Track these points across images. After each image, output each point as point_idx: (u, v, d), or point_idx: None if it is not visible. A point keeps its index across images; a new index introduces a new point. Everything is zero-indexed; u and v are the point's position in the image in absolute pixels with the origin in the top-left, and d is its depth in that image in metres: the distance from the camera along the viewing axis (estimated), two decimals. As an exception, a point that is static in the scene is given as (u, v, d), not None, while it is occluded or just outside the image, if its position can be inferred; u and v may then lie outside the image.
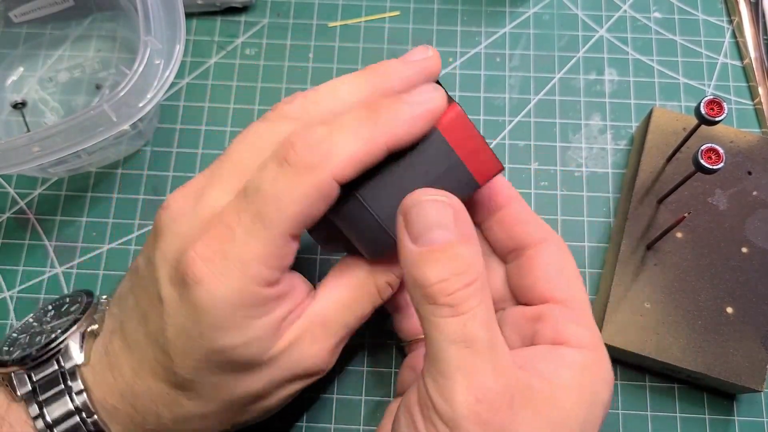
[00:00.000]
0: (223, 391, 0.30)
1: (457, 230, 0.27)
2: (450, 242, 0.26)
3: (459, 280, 0.26)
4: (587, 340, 0.29)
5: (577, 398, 0.27)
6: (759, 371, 0.38)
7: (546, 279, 0.31)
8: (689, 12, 0.51)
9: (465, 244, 0.27)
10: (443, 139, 0.30)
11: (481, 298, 0.26)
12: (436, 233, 0.26)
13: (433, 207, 0.27)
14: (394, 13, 0.51)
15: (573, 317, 0.30)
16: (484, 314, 0.26)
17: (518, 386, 0.26)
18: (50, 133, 0.36)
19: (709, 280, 0.40)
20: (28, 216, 0.45)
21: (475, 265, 0.27)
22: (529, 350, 0.30)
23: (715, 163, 0.34)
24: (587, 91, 0.49)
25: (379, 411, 0.41)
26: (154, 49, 0.38)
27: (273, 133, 0.30)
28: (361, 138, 0.28)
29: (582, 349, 0.29)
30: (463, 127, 0.30)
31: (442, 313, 0.26)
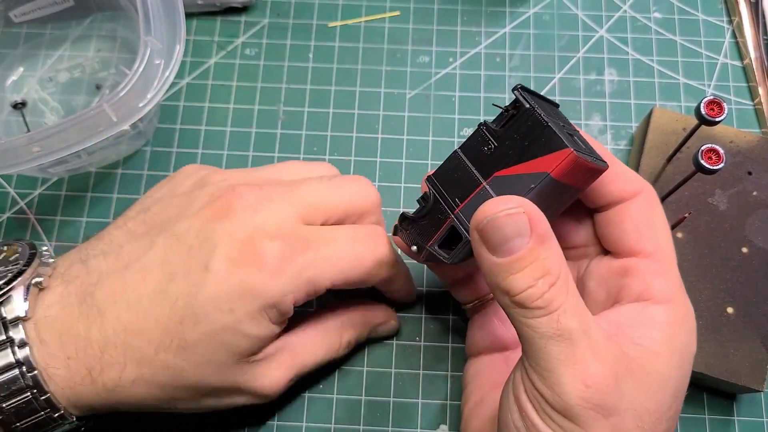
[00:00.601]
0: (197, 371, 0.32)
1: (535, 234, 0.27)
2: (530, 248, 0.27)
3: (545, 282, 0.27)
4: (672, 293, 0.30)
5: (669, 359, 0.29)
6: (759, 371, 0.38)
7: (635, 232, 0.32)
8: (689, 12, 0.51)
9: (543, 246, 0.27)
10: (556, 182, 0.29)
11: (567, 291, 0.27)
12: (515, 242, 0.27)
13: (509, 220, 0.27)
14: (394, 13, 0.51)
15: (659, 271, 0.31)
16: (573, 305, 0.27)
17: (618, 362, 0.27)
18: (50, 133, 0.36)
19: (710, 280, 0.40)
20: (28, 216, 0.45)
21: (557, 262, 0.28)
22: (616, 313, 0.31)
23: (716, 163, 0.34)
24: (587, 91, 0.49)
25: (379, 411, 0.41)
26: (154, 48, 0.38)
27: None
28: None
29: (668, 305, 0.30)
30: (577, 168, 0.29)
31: (535, 315, 0.27)
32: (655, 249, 0.31)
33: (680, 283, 0.31)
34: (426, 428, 0.40)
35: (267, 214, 0.33)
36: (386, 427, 0.40)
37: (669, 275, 0.31)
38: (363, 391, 0.41)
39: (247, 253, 0.31)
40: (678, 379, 0.29)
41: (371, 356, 0.42)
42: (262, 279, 0.31)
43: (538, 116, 0.28)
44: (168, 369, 0.31)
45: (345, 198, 0.36)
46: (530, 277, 0.27)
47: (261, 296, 0.31)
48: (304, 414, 0.41)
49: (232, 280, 0.31)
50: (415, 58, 0.50)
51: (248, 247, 0.32)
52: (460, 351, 0.42)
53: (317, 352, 0.37)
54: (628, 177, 0.32)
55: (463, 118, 0.48)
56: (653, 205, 0.32)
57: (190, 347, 0.31)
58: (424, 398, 0.41)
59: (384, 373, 0.42)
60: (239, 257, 0.31)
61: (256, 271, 0.31)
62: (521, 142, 0.29)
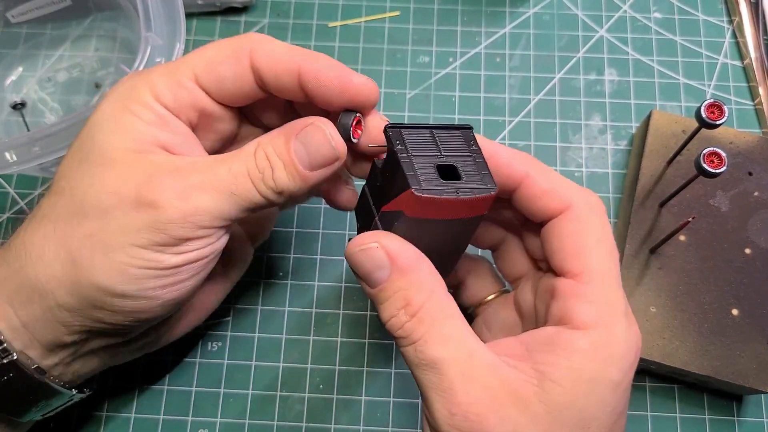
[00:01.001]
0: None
1: (395, 267, 0.28)
2: (390, 280, 0.28)
3: (405, 313, 0.28)
4: (594, 317, 0.28)
5: (571, 388, 0.27)
6: (766, 372, 0.38)
7: (560, 251, 0.30)
8: (689, 12, 0.51)
9: (404, 277, 0.28)
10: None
11: (433, 320, 0.28)
12: (377, 275, 0.29)
13: (364, 255, 0.29)
14: (394, 13, 0.51)
15: (582, 293, 0.29)
16: (438, 334, 0.27)
17: (501, 389, 0.27)
18: (50, 132, 0.36)
19: (714, 282, 0.40)
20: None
21: (420, 293, 0.28)
22: (532, 335, 0.30)
23: (718, 166, 0.34)
24: (587, 92, 0.49)
25: (379, 411, 0.41)
26: (155, 45, 0.38)
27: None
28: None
29: (587, 330, 0.28)
30: (428, 205, 0.29)
31: (401, 344, 0.28)
32: (582, 269, 0.29)
33: (611, 306, 0.29)
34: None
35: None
36: (386, 427, 0.40)
37: (594, 298, 0.29)
38: (363, 391, 0.41)
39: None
40: (581, 412, 0.27)
41: (371, 356, 0.42)
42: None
43: (395, 155, 0.29)
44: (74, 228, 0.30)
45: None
46: (393, 308, 0.28)
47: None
48: (304, 414, 0.41)
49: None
50: (415, 58, 0.50)
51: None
52: (460, 351, 0.42)
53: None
54: (556, 192, 0.31)
55: (463, 118, 0.48)
56: (584, 220, 0.30)
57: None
58: (424, 398, 0.41)
59: (384, 373, 0.42)
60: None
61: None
62: (390, 180, 0.29)
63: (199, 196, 0.29)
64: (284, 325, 0.43)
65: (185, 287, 0.31)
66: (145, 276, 0.29)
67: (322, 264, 0.44)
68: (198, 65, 0.31)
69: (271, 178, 0.29)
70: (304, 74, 0.30)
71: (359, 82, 0.30)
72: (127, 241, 0.28)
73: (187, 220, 0.28)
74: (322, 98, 0.30)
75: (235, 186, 0.29)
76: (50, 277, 0.29)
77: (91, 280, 0.29)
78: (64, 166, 0.31)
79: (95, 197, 0.29)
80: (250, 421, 0.40)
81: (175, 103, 0.31)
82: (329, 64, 0.31)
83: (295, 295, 0.43)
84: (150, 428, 0.40)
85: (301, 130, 0.30)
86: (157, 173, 0.29)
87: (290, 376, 0.41)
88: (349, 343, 0.42)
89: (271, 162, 0.30)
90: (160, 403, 0.41)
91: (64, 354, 0.32)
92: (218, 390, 0.41)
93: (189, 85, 0.31)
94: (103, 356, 0.34)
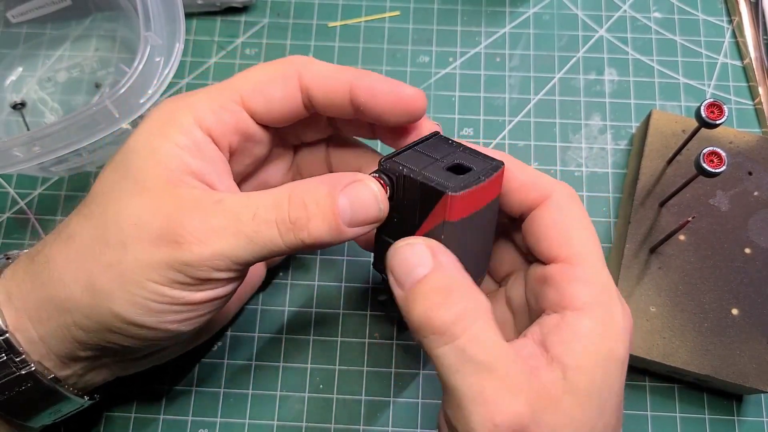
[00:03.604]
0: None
1: (436, 262, 0.28)
2: (432, 274, 0.27)
3: (445, 309, 0.26)
4: (592, 296, 0.29)
5: (590, 371, 0.27)
6: (766, 372, 0.38)
7: (546, 238, 0.31)
8: (689, 12, 0.51)
9: (446, 273, 0.28)
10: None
11: (475, 318, 0.27)
12: (416, 272, 0.28)
13: (408, 249, 0.28)
14: (394, 13, 0.51)
15: (575, 275, 0.29)
16: (482, 334, 0.26)
17: (536, 393, 0.26)
18: (51, 131, 0.36)
19: (714, 282, 0.40)
20: (28, 216, 0.45)
21: (462, 291, 0.27)
22: (542, 327, 0.29)
23: (718, 166, 0.34)
24: (587, 91, 0.49)
25: (379, 411, 0.41)
26: (154, 45, 0.38)
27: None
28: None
29: (587, 310, 0.28)
30: (466, 199, 0.29)
31: (438, 343, 0.26)
32: (570, 253, 0.30)
33: (603, 284, 0.29)
34: (426, 428, 0.40)
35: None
36: (386, 427, 0.40)
37: (586, 278, 0.29)
38: (363, 391, 0.41)
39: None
40: (602, 391, 0.27)
41: (371, 356, 0.42)
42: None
43: (409, 179, 0.29)
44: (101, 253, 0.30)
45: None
46: (431, 302, 0.27)
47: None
48: (304, 414, 0.41)
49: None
50: (415, 58, 0.50)
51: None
52: (460, 351, 0.42)
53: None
54: (535, 183, 0.31)
55: (463, 118, 0.48)
56: (565, 207, 0.31)
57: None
58: (424, 398, 0.41)
59: (384, 373, 0.42)
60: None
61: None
62: (412, 206, 0.29)
63: (218, 242, 0.28)
64: (284, 325, 0.43)
65: (202, 320, 0.31)
66: (163, 310, 0.29)
67: (322, 264, 0.44)
68: (245, 87, 0.31)
69: (305, 229, 0.29)
70: (357, 89, 0.31)
71: (410, 93, 0.31)
72: (145, 277, 0.28)
73: (204, 264, 0.28)
74: (375, 112, 0.31)
75: (256, 234, 0.28)
76: (69, 298, 0.29)
77: (109, 308, 0.29)
78: (97, 187, 0.31)
79: (118, 227, 0.29)
80: (250, 421, 0.40)
81: (218, 126, 0.31)
82: (380, 78, 0.32)
83: (295, 295, 0.43)
84: (150, 428, 0.40)
85: (349, 185, 0.29)
86: (180, 211, 0.28)
87: (290, 376, 0.41)
88: (349, 343, 0.42)
89: (308, 212, 0.29)
90: (160, 403, 0.41)
91: (77, 366, 0.32)
92: (218, 390, 0.41)
93: (234, 108, 0.31)
94: (114, 368, 0.34)
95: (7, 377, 0.30)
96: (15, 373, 0.30)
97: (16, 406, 0.31)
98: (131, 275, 0.28)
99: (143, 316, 0.29)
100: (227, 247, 0.28)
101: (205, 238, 0.28)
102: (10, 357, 0.30)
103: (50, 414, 0.33)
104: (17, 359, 0.30)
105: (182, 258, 0.28)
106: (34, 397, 0.31)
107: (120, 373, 0.35)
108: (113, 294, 0.28)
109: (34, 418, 0.32)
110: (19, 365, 0.30)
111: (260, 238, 0.28)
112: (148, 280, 0.28)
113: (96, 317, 0.29)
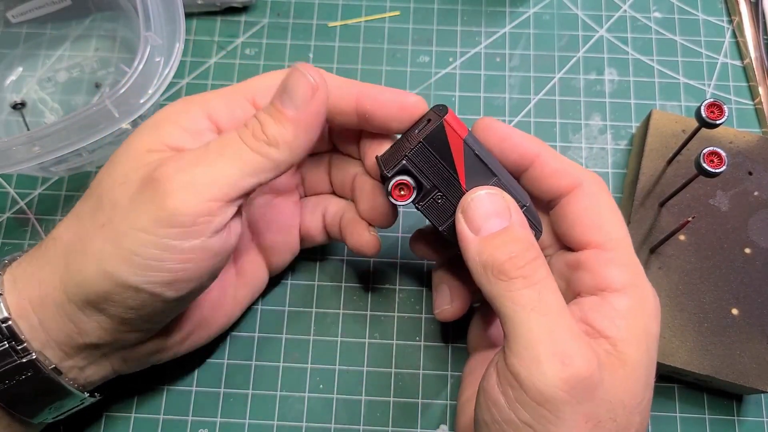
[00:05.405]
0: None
1: (514, 217, 0.30)
2: (511, 225, 0.30)
3: (527, 255, 0.29)
4: (628, 278, 0.30)
5: (637, 346, 0.29)
6: (766, 372, 0.38)
7: (580, 225, 0.32)
8: (689, 12, 0.51)
9: (523, 227, 0.30)
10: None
11: (548, 272, 0.29)
12: (495, 221, 0.30)
13: (489, 198, 0.30)
14: (394, 13, 0.51)
15: (610, 259, 0.31)
16: (553, 284, 0.29)
17: (595, 349, 0.28)
18: (51, 131, 0.36)
19: (714, 282, 0.40)
20: (28, 216, 0.45)
21: (535, 244, 0.30)
22: (579, 306, 0.31)
23: (718, 166, 0.34)
24: (587, 91, 0.49)
25: (379, 411, 0.41)
26: (154, 45, 0.38)
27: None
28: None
29: (625, 291, 0.30)
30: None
31: (517, 286, 0.28)
32: (603, 239, 0.31)
33: (636, 267, 0.31)
34: (426, 428, 0.40)
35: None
36: (386, 427, 0.40)
37: (621, 261, 0.31)
38: (363, 391, 0.41)
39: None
40: (648, 367, 0.29)
41: (371, 356, 0.42)
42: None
43: (415, 150, 0.31)
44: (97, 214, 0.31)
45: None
46: (512, 248, 0.29)
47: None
48: (304, 414, 0.41)
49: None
50: (415, 58, 0.50)
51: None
52: (460, 351, 0.42)
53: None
54: (566, 171, 0.33)
55: (464, 118, 0.48)
56: (596, 195, 0.32)
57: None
58: (424, 398, 0.41)
59: (384, 373, 0.42)
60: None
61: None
62: (436, 165, 0.32)
63: (197, 169, 0.29)
64: (284, 325, 0.43)
65: (190, 286, 0.31)
66: (152, 267, 0.29)
67: (322, 264, 0.44)
68: (258, 90, 0.33)
69: (261, 131, 0.30)
70: (363, 99, 0.33)
71: (413, 101, 0.33)
72: (134, 226, 0.29)
73: (188, 192, 0.28)
74: (381, 120, 0.33)
75: (230, 150, 0.30)
76: (67, 269, 0.30)
77: (103, 270, 0.29)
78: (102, 168, 0.32)
79: (110, 190, 0.30)
80: (250, 421, 0.40)
81: (229, 121, 0.32)
82: (385, 89, 0.33)
83: (295, 295, 0.43)
84: (150, 428, 0.40)
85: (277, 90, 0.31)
86: (161, 160, 0.30)
87: (290, 376, 0.41)
88: (349, 343, 0.42)
89: (260, 119, 0.30)
90: (160, 403, 0.41)
91: (78, 358, 0.32)
92: (218, 390, 0.41)
93: (246, 106, 0.33)
94: (115, 364, 0.34)
95: (8, 365, 0.30)
96: (16, 361, 0.30)
97: (16, 398, 0.31)
98: (121, 228, 0.29)
99: (134, 275, 0.29)
100: (209, 173, 0.29)
101: (184, 168, 0.29)
102: (12, 344, 0.30)
103: (51, 410, 0.33)
104: (19, 347, 0.30)
105: (165, 201, 0.28)
106: (34, 389, 0.31)
107: (120, 369, 0.35)
108: (105, 252, 0.29)
109: (35, 414, 0.32)
110: (21, 353, 0.30)
111: (229, 158, 0.29)
112: (138, 230, 0.29)
113: (89, 285, 0.29)
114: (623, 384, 0.28)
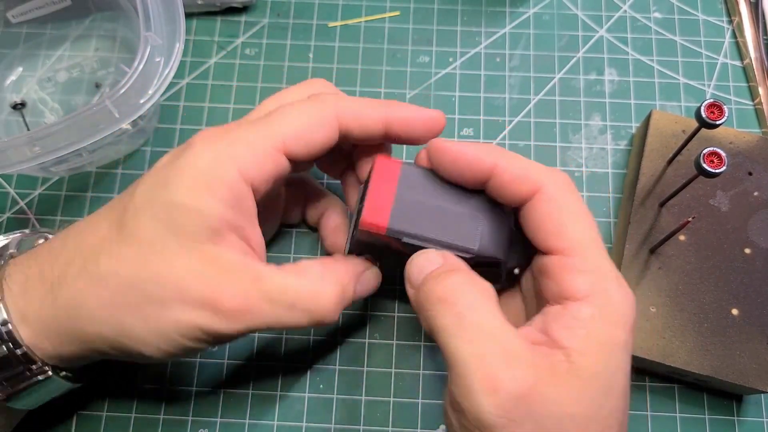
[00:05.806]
0: (140, 258, 0.31)
1: (444, 259, 0.31)
2: (436, 268, 0.31)
3: (448, 281, 0.30)
4: (589, 285, 0.29)
5: (594, 355, 0.28)
6: (766, 372, 0.38)
7: (542, 230, 0.31)
8: (689, 12, 0.51)
9: (451, 262, 0.31)
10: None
11: (474, 291, 0.29)
12: (427, 268, 0.31)
13: (423, 255, 0.32)
14: (394, 13, 0.51)
15: (573, 265, 0.30)
16: (479, 303, 0.29)
17: (540, 366, 0.27)
18: (51, 131, 0.36)
19: (714, 282, 0.40)
20: (28, 216, 0.45)
21: (463, 272, 0.31)
22: (544, 315, 0.30)
23: (718, 166, 0.34)
24: (587, 91, 0.49)
25: (379, 411, 0.41)
26: (154, 45, 0.38)
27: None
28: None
29: (588, 299, 0.29)
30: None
31: (440, 312, 0.29)
32: (565, 244, 0.30)
33: (605, 271, 0.30)
34: (426, 428, 0.40)
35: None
36: (386, 427, 0.40)
37: (584, 267, 0.30)
38: (363, 391, 0.41)
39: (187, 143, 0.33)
40: (607, 376, 0.28)
41: (371, 356, 0.42)
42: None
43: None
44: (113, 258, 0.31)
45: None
46: (435, 281, 0.30)
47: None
48: (304, 414, 0.41)
49: (168, 166, 0.32)
50: (415, 58, 0.50)
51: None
52: (460, 351, 0.42)
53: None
54: (526, 176, 0.31)
55: (463, 118, 0.48)
56: (557, 198, 0.31)
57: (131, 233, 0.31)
58: (424, 398, 0.41)
59: (384, 373, 0.42)
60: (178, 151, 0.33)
61: (189, 147, 0.32)
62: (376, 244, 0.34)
63: (251, 320, 0.31)
64: (284, 325, 0.43)
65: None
66: (182, 355, 0.32)
67: (322, 264, 0.44)
68: (288, 133, 0.32)
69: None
70: (392, 123, 0.34)
71: (435, 116, 0.34)
72: (179, 333, 0.30)
73: (235, 334, 0.31)
74: (408, 138, 0.34)
75: (285, 317, 0.32)
76: (99, 335, 0.31)
77: (138, 350, 0.31)
78: (134, 228, 0.31)
79: (159, 285, 0.30)
80: (250, 421, 0.40)
81: (259, 176, 0.32)
82: (408, 108, 0.34)
83: (295, 295, 0.43)
84: (150, 428, 0.40)
85: (361, 275, 0.36)
86: (220, 277, 0.30)
87: (291, 376, 0.41)
88: (349, 343, 0.42)
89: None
90: (160, 403, 0.41)
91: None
92: (218, 390, 0.41)
93: (276, 157, 0.32)
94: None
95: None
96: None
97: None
98: (167, 331, 0.30)
99: (165, 357, 0.32)
100: (256, 324, 0.31)
101: (241, 315, 0.30)
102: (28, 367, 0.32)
103: (29, 393, 0.33)
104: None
105: (218, 327, 0.30)
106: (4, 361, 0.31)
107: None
108: (145, 340, 0.31)
109: (13, 396, 0.33)
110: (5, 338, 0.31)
111: (286, 321, 0.32)
112: (181, 336, 0.30)
113: (120, 349, 0.31)
114: (575, 395, 0.27)
